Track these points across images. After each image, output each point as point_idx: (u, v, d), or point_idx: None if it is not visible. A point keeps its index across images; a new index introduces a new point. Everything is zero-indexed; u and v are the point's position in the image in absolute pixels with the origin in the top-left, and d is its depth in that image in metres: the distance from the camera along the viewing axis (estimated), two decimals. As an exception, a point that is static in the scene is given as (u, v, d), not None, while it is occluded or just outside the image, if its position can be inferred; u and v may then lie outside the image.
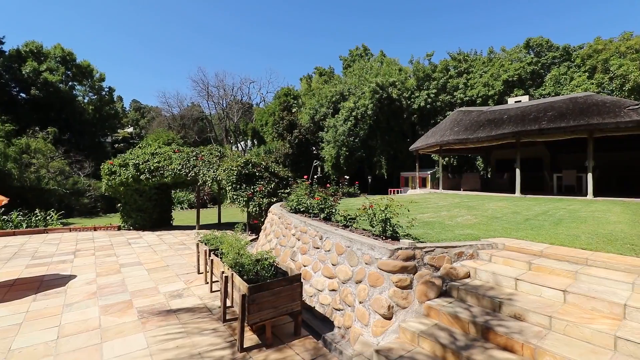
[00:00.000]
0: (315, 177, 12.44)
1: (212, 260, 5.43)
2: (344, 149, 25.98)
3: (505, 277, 3.88)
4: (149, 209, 12.40)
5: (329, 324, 4.35)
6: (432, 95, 26.68)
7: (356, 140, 25.90)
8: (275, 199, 10.10)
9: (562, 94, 21.64)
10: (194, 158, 11.51)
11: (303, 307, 4.39)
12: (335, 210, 6.36)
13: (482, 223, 6.37)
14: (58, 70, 31.94)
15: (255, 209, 9.73)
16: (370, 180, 26.62)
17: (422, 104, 26.55)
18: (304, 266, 5.48)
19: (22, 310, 4.91)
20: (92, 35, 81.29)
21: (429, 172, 24.84)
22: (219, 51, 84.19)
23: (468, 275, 4.19)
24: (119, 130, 43.44)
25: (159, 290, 5.66)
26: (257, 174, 10.37)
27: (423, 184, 24.39)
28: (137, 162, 11.34)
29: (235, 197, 9.91)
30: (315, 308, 4.78)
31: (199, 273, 6.60)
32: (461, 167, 27.57)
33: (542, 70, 26.00)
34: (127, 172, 11.27)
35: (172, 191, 19.71)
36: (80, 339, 3.99)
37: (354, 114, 25.70)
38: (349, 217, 5.48)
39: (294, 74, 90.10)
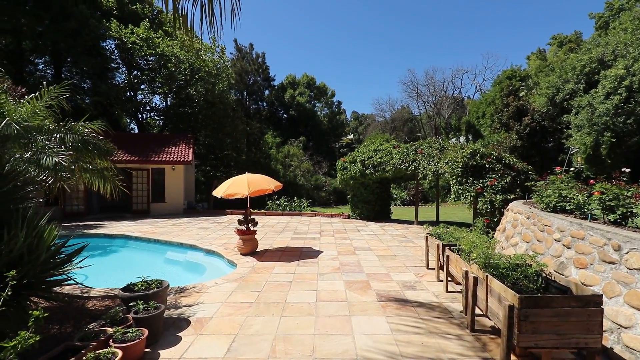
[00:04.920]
0: (572, 169, 9.42)
1: (447, 257, 4.84)
2: (607, 134, 18.70)
3: None
4: (372, 201, 13.47)
5: (652, 385, 2.74)
6: None
7: (629, 122, 18.06)
8: (512, 195, 8.30)
9: None
10: (414, 152, 11.38)
11: (598, 345, 2.99)
12: (635, 211, 4.24)
13: None
14: (305, 94, 41.41)
15: (485, 206, 8.34)
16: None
17: None
18: (584, 285, 3.89)
19: (291, 271, 6.16)
20: (325, 59, 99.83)
21: None
22: (430, 42, 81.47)
23: None
24: (342, 138, 51.25)
25: (392, 277, 5.67)
26: (487, 166, 8.90)
27: None
28: (363, 158, 12.53)
29: (460, 192, 8.91)
30: (615, 350, 3.20)
31: (427, 268, 6.19)
32: None
33: None
34: (355, 167, 12.66)
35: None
36: (332, 306, 4.43)
37: (624, 83, 18.03)
38: (681, 221, 3.40)
39: (519, 51, 74.59)
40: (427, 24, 76.79)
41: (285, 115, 40.97)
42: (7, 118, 3.89)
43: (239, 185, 7.25)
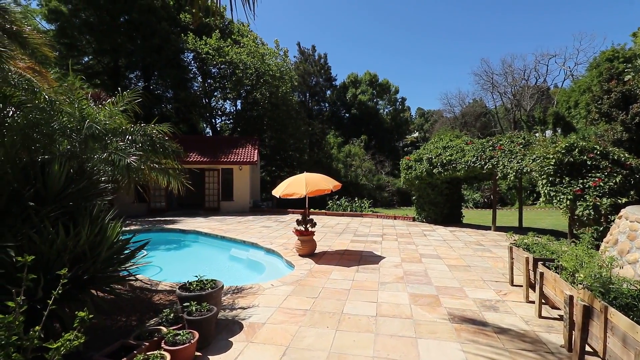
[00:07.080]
0: None
1: (541, 274, 3.94)
2: None
3: None
4: (440, 203, 12.32)
5: None
6: None
7: None
8: (624, 199, 6.70)
9: None
10: (491, 148, 10.04)
11: None
12: None
13: None
14: (367, 92, 40.53)
15: (587, 211, 6.87)
16: None
17: None
18: None
19: (349, 277, 5.75)
20: (388, 56, 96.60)
21: None
22: (506, 28, 72.76)
23: None
24: (407, 136, 48.96)
25: (466, 293, 4.89)
26: (588, 163, 7.35)
27: None
28: (430, 156, 11.51)
29: (552, 194, 7.50)
30: None
31: (512, 285, 5.23)
32: None
33: None
34: (422, 166, 11.69)
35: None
36: (395, 324, 3.90)
37: None
38: None
39: (620, 29, 62.10)
40: (502, 10, 69.10)
41: (346, 115, 40.63)
42: (88, 120, 4.25)
43: (297, 185, 7.09)
